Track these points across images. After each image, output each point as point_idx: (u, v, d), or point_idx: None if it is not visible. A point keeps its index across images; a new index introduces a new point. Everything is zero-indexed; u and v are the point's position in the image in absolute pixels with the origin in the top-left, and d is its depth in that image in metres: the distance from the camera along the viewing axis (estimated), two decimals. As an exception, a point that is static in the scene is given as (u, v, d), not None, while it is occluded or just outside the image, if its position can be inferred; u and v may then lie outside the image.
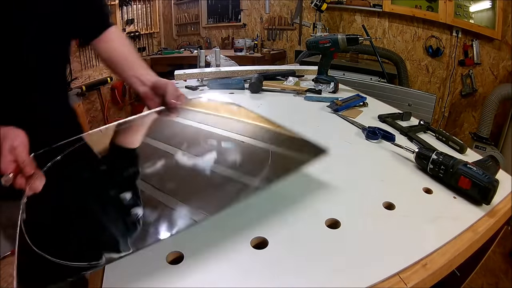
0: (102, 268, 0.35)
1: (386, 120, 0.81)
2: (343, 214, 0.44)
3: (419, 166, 0.57)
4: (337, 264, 0.36)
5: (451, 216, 0.44)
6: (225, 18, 3.63)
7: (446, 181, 0.51)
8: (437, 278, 0.37)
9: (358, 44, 1.09)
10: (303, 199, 0.48)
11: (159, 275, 0.34)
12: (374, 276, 0.34)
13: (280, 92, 1.12)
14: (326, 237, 0.40)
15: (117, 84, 3.12)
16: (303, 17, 2.89)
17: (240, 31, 3.51)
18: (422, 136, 0.71)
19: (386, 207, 0.46)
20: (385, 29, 2.65)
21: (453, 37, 2.41)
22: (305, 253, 0.37)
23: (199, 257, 0.36)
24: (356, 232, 0.41)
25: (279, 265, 0.35)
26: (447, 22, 2.36)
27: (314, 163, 0.47)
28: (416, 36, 2.56)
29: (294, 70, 1.35)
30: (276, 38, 3.31)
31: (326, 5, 2.37)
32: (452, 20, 2.34)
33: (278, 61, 3.22)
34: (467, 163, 0.50)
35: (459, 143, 0.66)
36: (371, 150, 0.66)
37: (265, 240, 0.39)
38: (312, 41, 1.16)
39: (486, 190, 0.45)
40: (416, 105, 1.60)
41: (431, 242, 0.39)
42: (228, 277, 0.34)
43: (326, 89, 1.11)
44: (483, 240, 0.44)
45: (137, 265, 0.35)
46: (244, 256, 0.37)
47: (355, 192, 0.50)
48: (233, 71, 1.36)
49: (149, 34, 3.47)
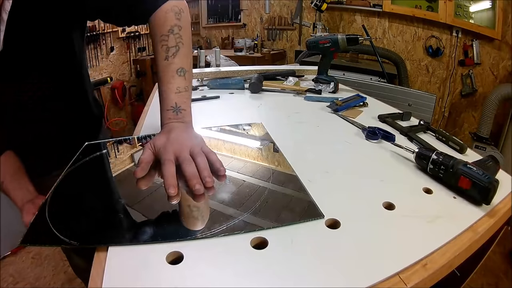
0: (102, 268, 0.35)
1: (386, 120, 0.81)
2: (343, 214, 0.44)
3: (419, 166, 0.57)
4: (337, 264, 0.36)
5: (451, 216, 0.44)
6: (225, 18, 3.63)
7: (446, 181, 0.51)
8: (437, 278, 0.37)
9: (358, 44, 1.09)
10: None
11: (159, 275, 0.34)
12: (374, 276, 0.34)
13: (280, 92, 1.12)
14: (326, 237, 0.40)
15: (117, 84, 3.12)
16: (303, 17, 2.89)
17: (240, 31, 3.51)
18: (422, 136, 0.71)
19: (386, 207, 0.46)
20: (385, 29, 2.65)
21: (453, 37, 2.41)
22: (305, 253, 0.37)
23: (199, 257, 0.36)
24: (356, 232, 0.41)
25: (279, 265, 0.35)
26: (447, 22, 2.36)
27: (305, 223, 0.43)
28: (416, 36, 2.56)
29: (294, 70, 1.36)
30: (276, 38, 3.32)
31: (326, 5, 2.38)
32: (452, 20, 2.35)
33: (278, 61, 3.22)
34: (467, 163, 0.50)
35: (459, 143, 0.66)
36: (371, 150, 0.66)
37: (265, 240, 0.39)
38: (312, 41, 1.16)
39: (486, 190, 0.45)
40: (416, 105, 1.60)
41: (431, 242, 0.39)
42: (228, 277, 0.34)
43: (326, 89, 1.11)
44: (483, 240, 0.44)
45: (137, 265, 0.35)
46: (244, 256, 0.37)
47: (355, 192, 0.50)
48: (233, 71, 1.36)
49: (149, 34, 3.47)
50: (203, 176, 0.48)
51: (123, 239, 0.40)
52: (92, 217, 0.45)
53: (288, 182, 0.53)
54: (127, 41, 3.19)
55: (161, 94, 0.59)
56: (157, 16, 0.60)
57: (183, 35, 0.60)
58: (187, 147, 0.52)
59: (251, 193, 0.49)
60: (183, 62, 0.59)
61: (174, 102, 0.57)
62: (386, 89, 1.68)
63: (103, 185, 0.53)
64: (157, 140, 0.54)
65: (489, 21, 2.25)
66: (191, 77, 0.61)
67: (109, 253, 0.37)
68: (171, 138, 0.53)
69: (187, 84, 0.59)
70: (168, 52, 0.58)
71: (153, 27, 0.60)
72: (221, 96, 1.06)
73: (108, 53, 3.02)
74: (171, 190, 0.45)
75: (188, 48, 0.61)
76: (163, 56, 0.58)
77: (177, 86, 0.58)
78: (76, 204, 0.48)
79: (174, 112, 0.57)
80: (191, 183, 0.46)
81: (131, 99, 3.39)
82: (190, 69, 0.61)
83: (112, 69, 3.12)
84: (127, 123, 3.33)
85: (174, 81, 0.58)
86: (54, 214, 0.44)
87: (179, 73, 0.58)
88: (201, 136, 0.58)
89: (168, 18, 0.59)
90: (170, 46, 0.58)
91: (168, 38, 0.58)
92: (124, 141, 0.68)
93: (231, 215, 0.44)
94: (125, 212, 0.45)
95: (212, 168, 0.51)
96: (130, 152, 0.63)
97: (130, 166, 0.58)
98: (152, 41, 0.62)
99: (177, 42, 0.59)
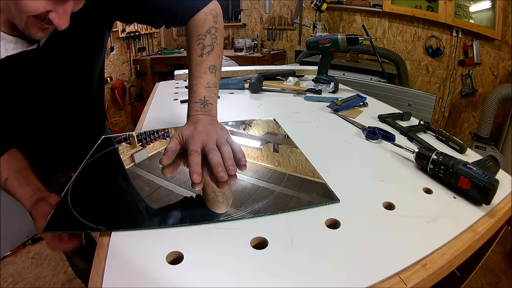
0: (102, 268, 0.35)
1: (386, 120, 0.81)
2: (343, 214, 0.44)
3: (419, 166, 0.58)
4: (337, 264, 0.36)
5: (451, 216, 0.44)
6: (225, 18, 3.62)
7: (446, 181, 0.51)
8: (437, 278, 0.37)
9: (358, 44, 1.09)
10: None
11: (159, 275, 0.34)
12: (374, 276, 0.34)
13: (280, 92, 1.12)
14: (326, 237, 0.40)
15: (117, 84, 3.12)
16: (303, 17, 2.89)
17: (240, 31, 3.51)
18: (422, 136, 0.71)
19: (386, 207, 0.46)
20: (385, 29, 2.65)
21: (453, 37, 2.41)
22: (305, 253, 0.37)
23: (199, 257, 0.36)
24: (356, 232, 0.41)
25: (279, 265, 0.35)
26: (447, 22, 2.36)
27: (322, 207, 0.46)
28: (416, 36, 2.56)
29: (294, 70, 1.35)
30: (276, 38, 3.31)
31: (326, 5, 2.37)
32: (452, 20, 2.34)
33: (278, 61, 3.22)
34: (467, 163, 0.50)
35: (459, 143, 0.66)
36: (371, 150, 0.66)
37: (265, 240, 0.39)
38: (312, 41, 1.16)
39: (486, 190, 0.45)
40: (416, 105, 1.60)
41: (431, 242, 0.39)
42: (228, 277, 0.34)
43: (326, 89, 1.11)
44: (483, 240, 0.44)
45: (137, 265, 0.35)
46: (244, 256, 0.37)
47: (355, 192, 0.50)
48: (233, 71, 1.36)
49: (149, 34, 3.47)
50: (227, 164, 0.52)
51: (151, 222, 0.43)
52: (115, 204, 0.49)
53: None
54: (127, 41, 3.19)
55: (191, 88, 0.63)
56: (197, 18, 0.64)
57: (218, 37, 0.65)
58: (213, 138, 0.56)
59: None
60: (216, 60, 0.64)
61: (203, 95, 0.62)
62: (386, 89, 1.68)
63: (121, 175, 0.57)
64: (184, 130, 0.58)
65: (489, 21, 2.25)
66: (220, 75, 0.66)
67: (109, 253, 0.37)
68: (199, 129, 0.57)
69: (216, 81, 0.64)
70: (203, 50, 0.63)
71: (191, 27, 0.65)
72: (221, 96, 1.06)
73: (108, 53, 3.01)
74: (195, 176, 0.49)
75: (221, 48, 0.66)
76: (198, 53, 0.63)
77: (208, 81, 0.62)
78: (97, 192, 0.52)
79: (202, 105, 0.61)
80: (216, 170, 0.50)
81: (131, 99, 3.39)
82: (220, 68, 0.66)
83: (112, 69, 3.12)
84: (127, 123, 3.33)
85: (205, 76, 0.62)
86: (76, 201, 0.47)
87: (211, 70, 0.63)
88: (226, 128, 0.61)
89: (207, 19, 0.65)
90: (206, 45, 0.63)
91: (205, 38, 0.63)
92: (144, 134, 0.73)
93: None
94: (141, 199, 0.48)
95: (235, 158, 0.55)
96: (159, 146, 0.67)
97: (157, 152, 0.63)
98: (187, 39, 0.66)
99: (212, 42, 0.64)
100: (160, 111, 0.96)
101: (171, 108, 0.98)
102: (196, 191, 0.50)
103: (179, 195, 0.49)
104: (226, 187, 0.50)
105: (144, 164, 0.59)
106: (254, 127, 0.78)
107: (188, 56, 0.65)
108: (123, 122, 3.30)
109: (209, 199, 0.48)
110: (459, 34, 2.37)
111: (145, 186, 0.51)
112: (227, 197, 0.49)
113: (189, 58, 0.64)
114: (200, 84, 0.62)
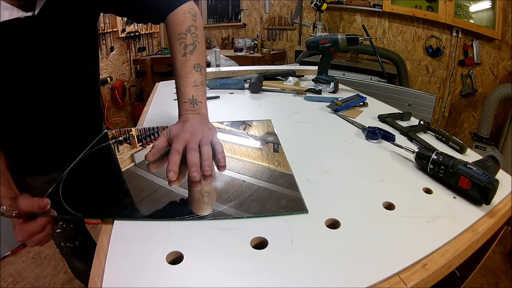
0: (102, 268, 0.35)
1: (386, 120, 0.81)
2: (343, 214, 0.44)
3: (419, 166, 0.58)
4: (337, 264, 0.36)
5: (451, 216, 0.44)
6: (225, 18, 3.63)
7: (446, 181, 0.51)
8: (437, 278, 0.37)
9: (358, 44, 1.09)
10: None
11: (159, 275, 0.34)
12: (374, 276, 0.34)
13: (280, 92, 1.12)
14: (326, 237, 0.40)
15: (117, 84, 3.12)
16: (303, 17, 2.89)
17: (240, 31, 3.51)
18: (422, 136, 0.71)
19: (386, 207, 0.46)
20: (385, 29, 2.65)
21: (453, 37, 2.41)
22: (305, 253, 0.37)
23: (199, 257, 0.36)
24: (356, 232, 0.41)
25: (279, 265, 0.35)
26: (447, 22, 2.36)
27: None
28: (416, 36, 2.56)
29: (294, 70, 1.36)
30: (276, 38, 3.31)
31: (326, 5, 2.37)
32: (452, 20, 2.35)
33: (278, 61, 3.22)
34: (467, 163, 0.50)
35: (459, 143, 0.66)
36: (371, 150, 0.66)
37: (265, 240, 0.39)
38: (312, 41, 1.16)
39: (486, 190, 0.45)
40: (416, 105, 1.60)
41: (431, 242, 0.39)
42: (228, 277, 0.34)
43: (326, 89, 1.11)
44: (483, 240, 0.44)
45: (137, 265, 0.35)
46: (244, 256, 0.37)
47: (355, 192, 0.50)
48: (233, 71, 1.36)
49: (149, 34, 3.47)
50: (203, 165, 0.52)
51: (127, 213, 0.45)
52: (100, 194, 0.51)
53: (283, 180, 0.54)
54: (127, 41, 3.19)
55: (178, 88, 0.63)
56: (175, 16, 0.65)
57: (199, 35, 0.66)
58: (197, 137, 0.56)
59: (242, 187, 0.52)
60: (200, 58, 0.64)
61: (191, 94, 0.62)
62: (386, 89, 1.68)
63: (113, 169, 0.59)
64: (173, 129, 0.58)
65: (489, 21, 2.25)
66: (205, 73, 0.66)
67: (110, 252, 0.37)
68: (185, 128, 0.57)
69: (203, 79, 0.64)
70: (186, 49, 0.63)
71: (170, 25, 0.65)
72: (221, 96, 1.07)
73: (108, 53, 3.02)
74: (171, 174, 0.50)
75: (203, 46, 0.66)
76: (182, 53, 0.63)
77: (194, 80, 0.63)
78: (87, 184, 0.55)
79: (191, 104, 0.62)
80: (190, 169, 0.51)
81: (131, 99, 3.39)
82: (205, 65, 0.66)
83: (112, 69, 3.12)
84: (127, 123, 3.33)
85: (191, 75, 0.63)
86: (67, 191, 0.50)
87: (196, 68, 0.63)
88: (215, 127, 0.61)
89: (186, 18, 0.65)
90: (188, 44, 0.63)
91: (186, 37, 0.64)
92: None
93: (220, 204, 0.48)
94: (126, 192, 0.51)
95: (215, 158, 0.55)
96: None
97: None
98: (169, 39, 0.66)
99: (194, 41, 0.64)
100: (160, 111, 0.96)
101: (171, 108, 0.98)
102: (196, 191, 0.50)
103: (179, 195, 0.49)
104: (198, 187, 0.50)
105: (144, 164, 0.59)
106: (252, 128, 0.78)
107: (172, 56, 0.66)
108: (123, 122, 3.30)
109: (192, 198, 0.49)
110: (459, 34, 2.37)
111: (145, 186, 0.52)
112: (211, 197, 0.49)
113: (173, 58, 0.65)
114: (187, 84, 0.62)
